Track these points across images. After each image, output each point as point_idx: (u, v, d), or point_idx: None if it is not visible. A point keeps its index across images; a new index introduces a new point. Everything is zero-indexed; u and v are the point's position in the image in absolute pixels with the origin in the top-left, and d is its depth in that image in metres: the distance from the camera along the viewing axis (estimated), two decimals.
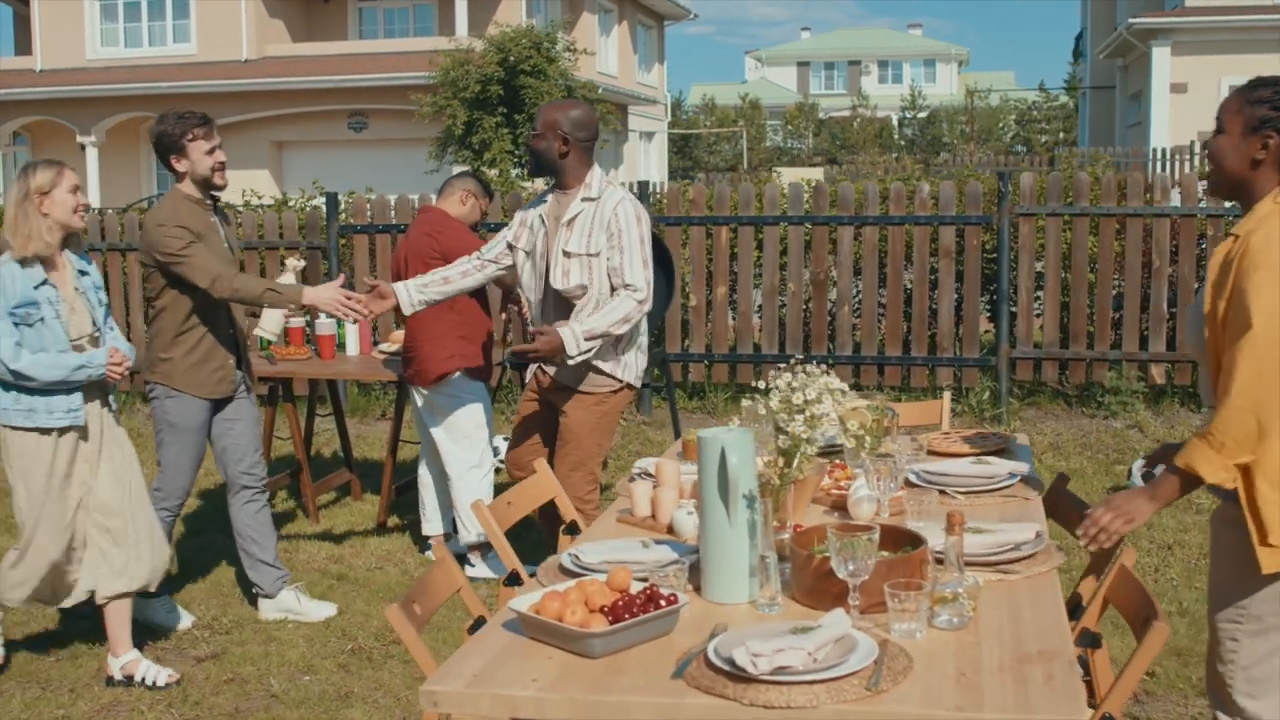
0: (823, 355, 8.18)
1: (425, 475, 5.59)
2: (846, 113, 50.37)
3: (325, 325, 6.08)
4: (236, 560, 5.20)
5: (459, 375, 5.24)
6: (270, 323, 5.63)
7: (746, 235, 8.38)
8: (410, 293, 4.47)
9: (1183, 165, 20.67)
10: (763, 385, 2.96)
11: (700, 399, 8.64)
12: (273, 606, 4.88)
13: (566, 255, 4.19)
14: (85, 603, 4.38)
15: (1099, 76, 31.79)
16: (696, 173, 40.48)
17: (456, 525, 5.48)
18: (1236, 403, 2.52)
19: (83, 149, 25.72)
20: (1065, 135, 44.51)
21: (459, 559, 5.55)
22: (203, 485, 6.66)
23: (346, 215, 8.98)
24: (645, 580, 2.59)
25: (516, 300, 5.09)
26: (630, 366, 4.31)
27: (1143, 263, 7.95)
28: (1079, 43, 36.51)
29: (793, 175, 21.18)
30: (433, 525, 5.62)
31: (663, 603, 2.42)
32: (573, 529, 3.65)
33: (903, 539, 2.65)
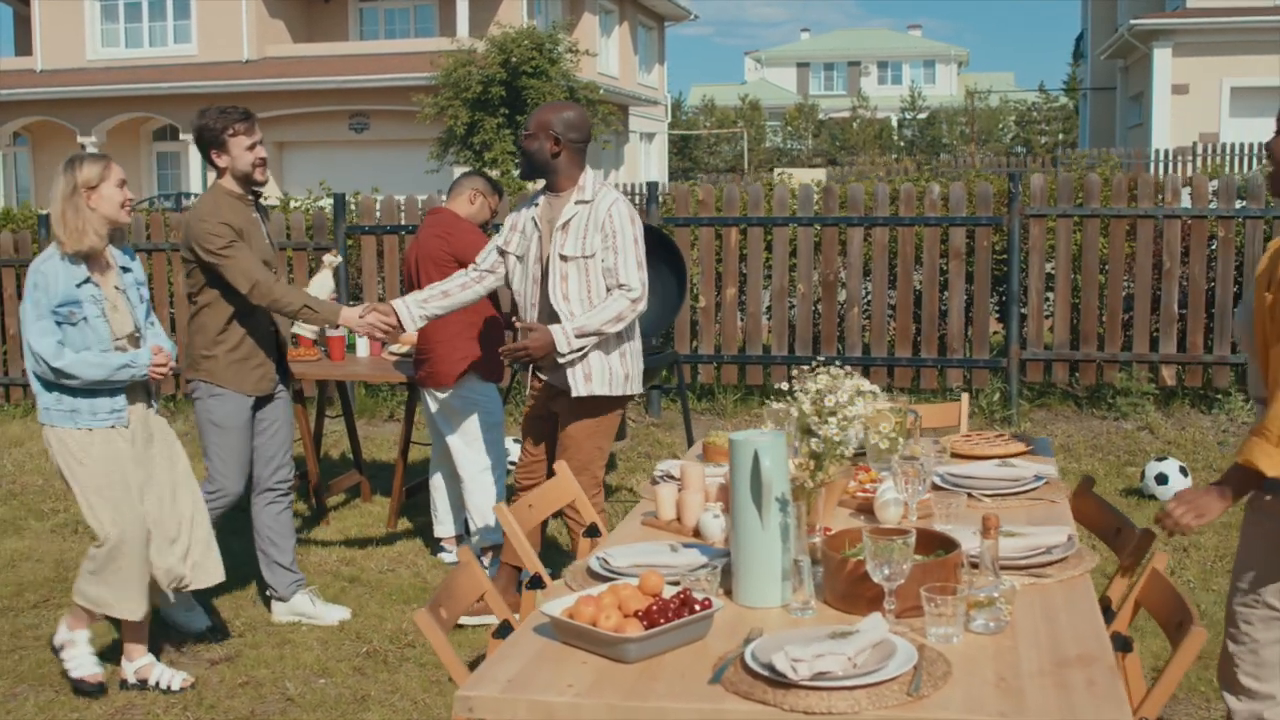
0: (832, 357, 8.15)
1: (437, 477, 5.56)
2: (846, 114, 50.35)
3: None
4: (248, 562, 5.18)
5: (471, 377, 5.22)
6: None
7: (756, 236, 8.36)
8: (411, 309, 4.46)
9: (1185, 166, 20.67)
10: (785, 387, 2.93)
11: (709, 400, 8.62)
12: (286, 609, 4.85)
13: (564, 259, 4.18)
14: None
15: (1100, 78, 31.82)
16: (696, 174, 40.45)
17: (469, 527, 5.45)
18: None
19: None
20: (1065, 136, 44.54)
21: None
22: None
23: (354, 216, 8.95)
24: (677, 584, 2.57)
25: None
26: (610, 377, 4.26)
27: (1153, 264, 7.94)
28: (1079, 44, 36.57)
29: (801, 176, 21.15)
30: (445, 527, 5.59)
31: (697, 607, 2.40)
32: (593, 531, 3.62)
33: (934, 542, 2.63)
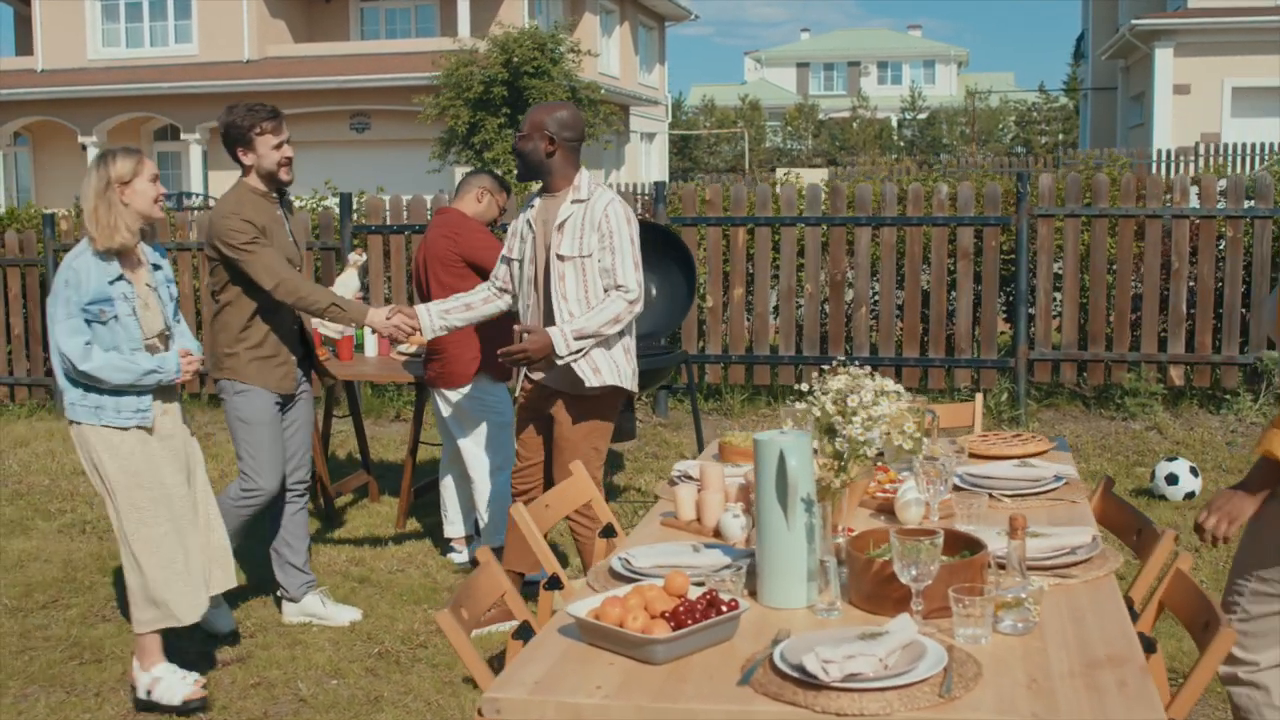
0: (840, 357, 8.13)
1: (448, 478, 5.55)
2: (846, 114, 50.36)
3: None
4: (258, 563, 5.16)
5: (482, 377, 5.20)
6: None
7: (763, 236, 8.34)
8: (433, 318, 4.49)
9: (1188, 167, 20.66)
10: (804, 387, 2.91)
11: (716, 400, 8.61)
12: (296, 610, 4.83)
13: (561, 259, 4.17)
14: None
15: (1100, 78, 31.81)
16: (696, 174, 40.44)
17: (479, 527, 5.44)
18: None
19: (84, 149, 25.71)
20: (1065, 137, 44.53)
21: (477, 561, 5.50)
22: (223, 487, 6.60)
23: (360, 216, 8.93)
24: (701, 585, 2.56)
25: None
26: (617, 369, 4.24)
27: (1161, 264, 7.92)
28: (1080, 44, 36.56)
29: (808, 176, 21.13)
30: (455, 527, 5.57)
31: (724, 608, 2.38)
32: (609, 532, 3.61)
33: (959, 543, 2.61)
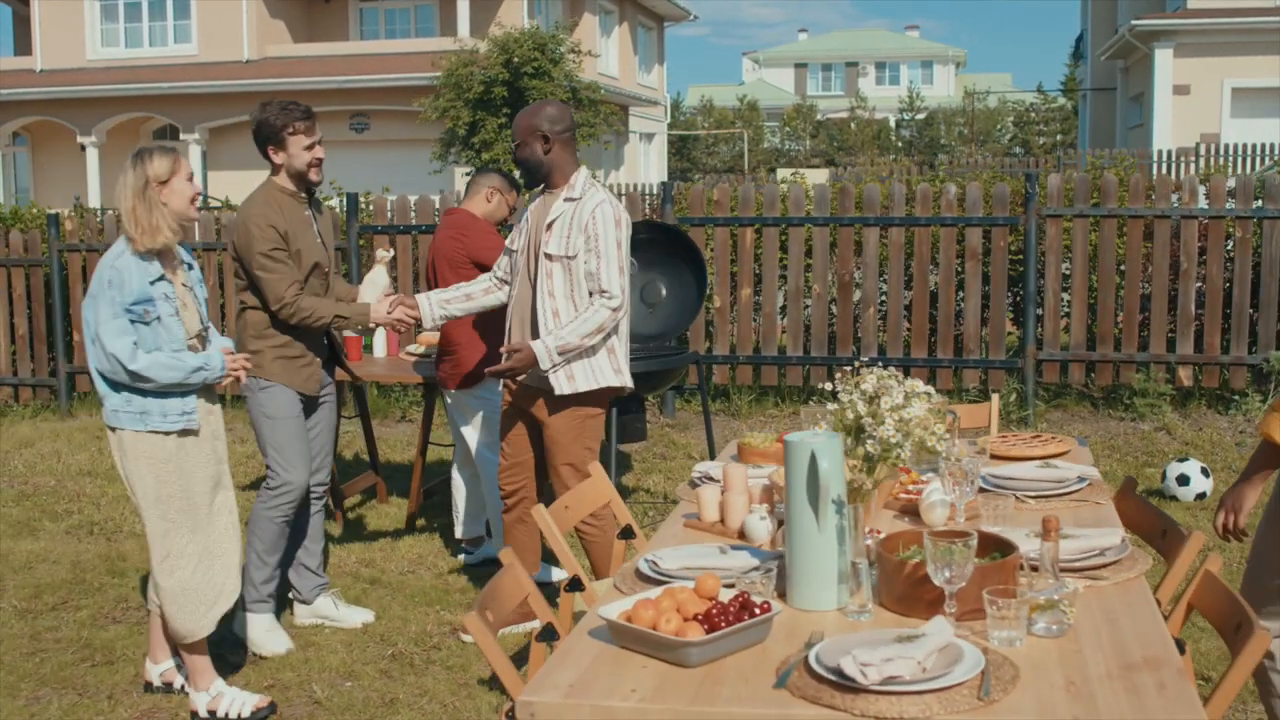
0: (848, 357, 8.12)
1: (458, 478, 5.53)
2: (844, 114, 50.36)
3: None
4: None
5: (493, 377, 5.18)
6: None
7: (771, 236, 8.32)
8: (433, 308, 4.53)
9: (1188, 167, 20.66)
10: (829, 387, 2.90)
11: (724, 401, 8.59)
12: (308, 612, 4.80)
13: (548, 258, 4.18)
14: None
15: (1100, 78, 31.80)
16: (695, 174, 40.43)
17: (490, 528, 5.42)
18: None
19: (83, 149, 25.65)
20: (1063, 137, 44.55)
21: (487, 561, 5.49)
22: (239, 486, 6.57)
23: (366, 216, 8.91)
24: (731, 586, 2.54)
25: None
26: (595, 373, 4.22)
27: (1170, 264, 7.91)
28: (1079, 44, 36.54)
29: (812, 177, 21.12)
30: (466, 528, 5.55)
31: (757, 610, 2.36)
32: (627, 533, 3.59)
33: (989, 544, 2.59)
